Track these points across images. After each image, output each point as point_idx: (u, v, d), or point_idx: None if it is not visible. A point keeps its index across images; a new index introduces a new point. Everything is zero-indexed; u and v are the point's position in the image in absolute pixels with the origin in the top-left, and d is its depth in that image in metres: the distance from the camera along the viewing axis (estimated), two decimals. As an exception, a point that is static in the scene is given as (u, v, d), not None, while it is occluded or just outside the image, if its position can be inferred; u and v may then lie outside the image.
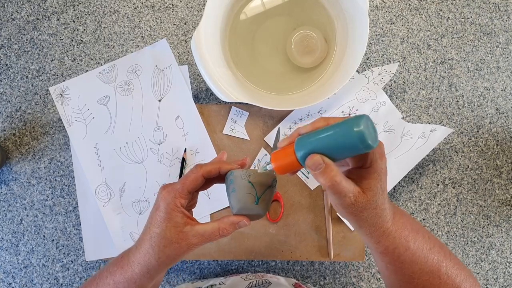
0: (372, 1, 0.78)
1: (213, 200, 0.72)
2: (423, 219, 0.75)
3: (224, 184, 0.46)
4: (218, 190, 0.72)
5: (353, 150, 0.35)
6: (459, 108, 0.76)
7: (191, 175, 0.44)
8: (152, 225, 0.43)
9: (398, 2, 0.78)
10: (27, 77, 0.76)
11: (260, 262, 0.75)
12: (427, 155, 0.75)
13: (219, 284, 0.63)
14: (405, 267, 0.42)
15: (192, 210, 0.50)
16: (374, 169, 0.38)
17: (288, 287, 0.62)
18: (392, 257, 0.42)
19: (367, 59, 0.77)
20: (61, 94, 0.74)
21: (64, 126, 0.74)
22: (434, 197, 0.75)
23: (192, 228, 0.43)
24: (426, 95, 0.76)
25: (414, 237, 0.42)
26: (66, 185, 0.74)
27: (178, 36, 0.77)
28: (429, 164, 0.76)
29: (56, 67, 0.76)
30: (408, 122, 0.75)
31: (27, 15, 0.77)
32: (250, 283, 0.60)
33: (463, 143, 0.76)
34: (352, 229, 0.71)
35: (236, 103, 0.74)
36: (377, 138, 0.36)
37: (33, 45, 0.76)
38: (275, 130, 0.73)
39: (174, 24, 0.77)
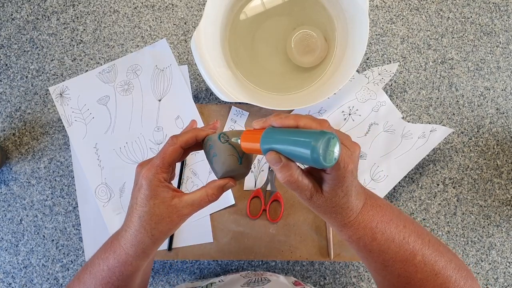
0: (372, 1, 0.78)
1: (213, 200, 0.72)
2: (424, 219, 0.75)
3: (203, 151, 0.46)
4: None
5: (307, 162, 0.35)
6: (459, 108, 0.76)
7: (169, 148, 0.43)
8: (138, 204, 0.42)
9: (398, 2, 0.78)
10: (26, 77, 0.76)
11: (260, 262, 0.75)
12: (427, 155, 0.75)
13: (219, 281, 0.63)
14: (374, 255, 0.42)
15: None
16: (334, 176, 0.38)
17: (287, 284, 0.62)
18: (358, 246, 0.42)
19: (367, 59, 0.77)
20: (60, 94, 0.74)
21: (64, 126, 0.74)
22: (434, 197, 0.75)
23: (181, 199, 0.43)
24: (426, 95, 0.76)
25: (383, 228, 0.41)
26: (66, 185, 0.74)
27: (178, 36, 0.77)
28: (429, 164, 0.76)
29: (56, 67, 0.76)
30: (408, 122, 0.75)
31: (27, 15, 0.77)
32: (249, 280, 0.60)
33: (463, 143, 0.76)
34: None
35: (236, 103, 0.74)
36: (336, 158, 0.35)
37: (33, 45, 0.76)
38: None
39: (174, 24, 0.77)
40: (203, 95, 0.76)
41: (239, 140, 0.42)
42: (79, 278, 0.47)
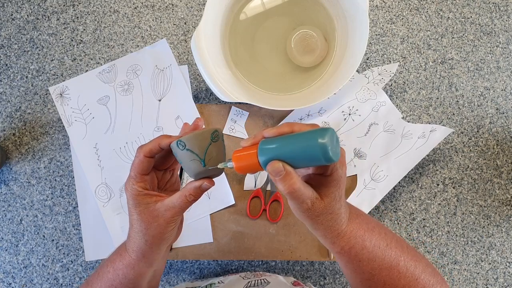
0: (372, 1, 0.78)
1: (213, 200, 0.72)
2: (423, 219, 0.75)
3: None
4: (218, 190, 0.72)
5: (314, 161, 0.36)
6: (459, 108, 0.76)
7: (135, 159, 0.45)
8: (130, 214, 0.45)
9: (398, 2, 0.78)
10: (27, 77, 0.76)
11: (260, 262, 0.75)
12: (427, 155, 0.75)
13: (218, 283, 0.63)
14: (363, 265, 0.43)
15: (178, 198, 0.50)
16: (334, 178, 0.39)
17: (287, 284, 0.62)
18: (349, 257, 0.43)
19: (367, 59, 0.77)
20: (61, 94, 0.74)
21: (64, 126, 0.74)
22: (434, 197, 0.75)
23: (162, 203, 0.44)
24: (426, 95, 0.76)
25: (370, 236, 0.43)
26: (66, 185, 0.74)
27: (178, 36, 0.77)
28: (429, 164, 0.76)
29: (56, 67, 0.76)
30: (408, 122, 0.75)
31: (27, 15, 0.77)
32: (249, 282, 0.60)
33: (463, 143, 0.76)
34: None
35: (236, 103, 0.74)
36: (339, 152, 0.36)
37: (33, 45, 0.76)
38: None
39: (174, 24, 0.77)
40: (203, 95, 0.76)
41: (228, 164, 0.41)
42: (88, 281, 0.50)
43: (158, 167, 0.48)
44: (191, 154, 0.42)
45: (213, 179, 0.45)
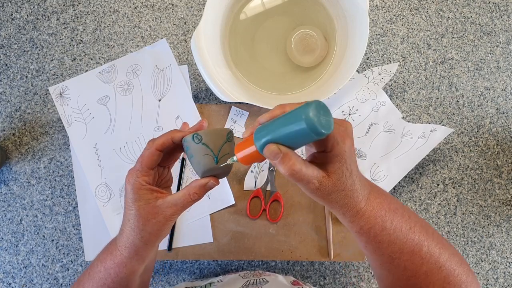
0: (372, 1, 0.78)
1: (213, 200, 0.72)
2: (424, 219, 0.75)
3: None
4: (218, 190, 0.72)
5: (307, 138, 0.35)
6: (459, 108, 0.76)
7: (146, 151, 0.44)
8: (127, 208, 0.44)
9: (398, 2, 0.78)
10: (26, 77, 0.76)
11: (260, 262, 0.75)
12: (427, 155, 0.75)
13: (217, 282, 0.63)
14: (383, 247, 0.41)
15: (170, 189, 0.50)
16: (336, 153, 0.38)
17: (285, 284, 0.62)
18: (368, 237, 0.41)
19: (367, 59, 0.77)
20: (60, 94, 0.74)
21: (63, 126, 0.74)
22: (434, 197, 0.75)
23: (164, 200, 0.43)
24: (426, 95, 0.76)
25: (391, 217, 0.41)
26: (65, 185, 0.74)
27: (178, 36, 0.77)
28: (429, 164, 0.76)
29: (56, 67, 0.76)
30: (408, 122, 0.75)
31: (27, 15, 0.77)
32: (248, 281, 0.60)
33: (463, 143, 0.76)
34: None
35: (236, 103, 0.74)
36: (331, 123, 0.34)
37: (33, 45, 0.76)
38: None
39: (174, 24, 0.77)
40: (203, 95, 0.76)
41: (234, 158, 0.41)
42: (79, 281, 0.49)
43: (160, 163, 0.48)
44: (206, 149, 0.42)
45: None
